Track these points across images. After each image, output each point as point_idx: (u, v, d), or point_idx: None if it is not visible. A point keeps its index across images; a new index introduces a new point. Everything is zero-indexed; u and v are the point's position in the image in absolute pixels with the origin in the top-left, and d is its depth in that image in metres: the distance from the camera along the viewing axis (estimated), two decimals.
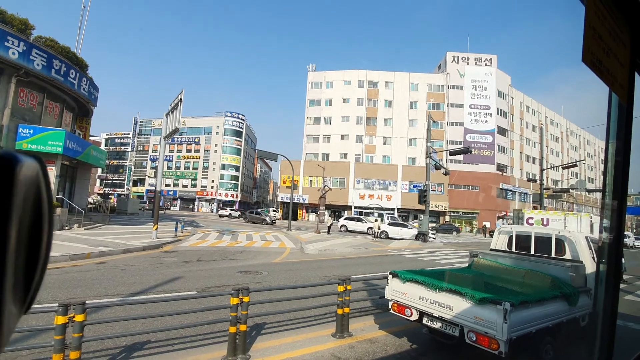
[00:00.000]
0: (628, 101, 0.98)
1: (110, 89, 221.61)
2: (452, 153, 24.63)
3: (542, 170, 26.23)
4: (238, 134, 72.57)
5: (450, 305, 4.21)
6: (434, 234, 29.12)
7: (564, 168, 30.86)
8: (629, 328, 6.39)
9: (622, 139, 0.98)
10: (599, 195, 50.86)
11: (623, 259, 5.79)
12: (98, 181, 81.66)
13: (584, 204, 66.76)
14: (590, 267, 5.25)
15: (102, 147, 71.86)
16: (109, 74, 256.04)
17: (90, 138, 24.44)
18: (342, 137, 55.08)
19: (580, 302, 4.72)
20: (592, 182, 72.10)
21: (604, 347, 0.98)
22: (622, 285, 9.85)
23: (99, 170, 71.53)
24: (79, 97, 18.47)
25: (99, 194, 74.32)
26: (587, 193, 63.32)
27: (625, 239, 28.64)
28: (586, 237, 5.69)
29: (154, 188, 29.78)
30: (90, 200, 33.21)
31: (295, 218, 48.61)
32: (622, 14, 0.92)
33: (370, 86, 56.10)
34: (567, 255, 5.76)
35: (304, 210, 51.72)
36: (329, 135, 55.57)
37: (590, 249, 5.45)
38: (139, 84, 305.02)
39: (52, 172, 16.09)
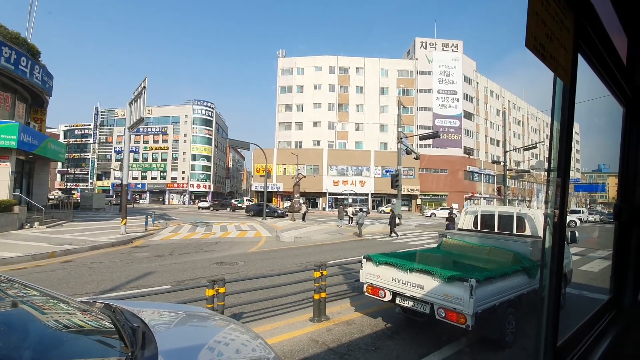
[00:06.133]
0: (571, 83, 1.06)
1: (67, 77, 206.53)
2: (422, 138, 25.28)
3: (505, 152, 27.55)
4: (208, 122, 70.46)
5: (421, 285, 4.41)
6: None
7: (525, 150, 32.58)
8: (583, 296, 6.95)
9: (566, 120, 1.06)
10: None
11: (576, 232, 6.26)
12: (58, 176, 76.92)
13: (544, 184, 70.90)
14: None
15: (61, 139, 67.38)
16: (64, 62, 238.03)
17: (47, 130, 22.95)
18: (315, 124, 54.87)
19: (539, 275, 5.07)
20: None
21: (550, 316, 1.08)
22: (574, 258, 10.63)
23: (59, 164, 67.40)
24: (32, 86, 17.16)
25: (60, 189, 70.14)
26: (545, 173, 67.16)
27: (580, 215, 30.78)
28: (544, 214, 6.08)
29: (120, 181, 28.56)
30: (51, 196, 31.30)
31: None
32: None
33: (341, 72, 55.92)
34: (527, 232, 6.15)
35: (278, 199, 51.54)
36: (301, 122, 55.17)
37: None
38: (98, 72, 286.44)
39: (7, 168, 15.03)
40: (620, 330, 1.61)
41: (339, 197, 49.58)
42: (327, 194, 49.46)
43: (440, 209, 42.68)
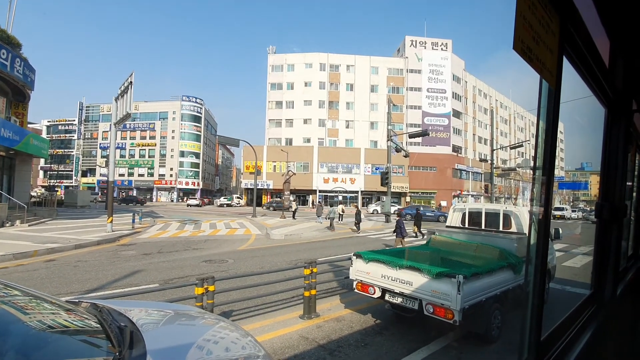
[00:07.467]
0: (556, 85, 1.08)
1: (50, 71, 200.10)
2: (412, 136, 25.46)
3: (492, 150, 28.00)
4: (197, 119, 69.56)
5: (409, 281, 4.46)
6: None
7: (511, 148, 33.11)
8: (566, 291, 7.13)
9: (551, 120, 1.09)
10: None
11: (560, 229, 6.42)
12: (41, 173, 74.94)
13: (529, 181, 72.39)
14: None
15: (44, 135, 65.66)
16: (47, 55, 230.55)
17: (29, 125, 22.35)
18: (305, 121, 54.72)
19: (524, 271, 5.18)
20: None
21: (535, 311, 1.11)
22: (558, 254, 10.89)
23: (42, 160, 65.63)
24: (13, 80, 16.63)
25: (43, 186, 68.38)
26: (531, 171, 68.49)
27: (563, 212, 31.59)
28: (529, 211, 6.21)
29: (106, 178, 27.97)
30: (33, 193, 30.54)
31: (260, 204, 48.14)
32: (552, 1, 1.00)
33: (331, 69, 55.86)
34: (513, 229, 6.27)
35: (268, 196, 51.31)
36: (292, 119, 54.97)
37: None
38: (83, 67, 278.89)
39: None
40: (600, 324, 1.66)
41: (329, 194, 49.64)
42: (318, 191, 49.45)
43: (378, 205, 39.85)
